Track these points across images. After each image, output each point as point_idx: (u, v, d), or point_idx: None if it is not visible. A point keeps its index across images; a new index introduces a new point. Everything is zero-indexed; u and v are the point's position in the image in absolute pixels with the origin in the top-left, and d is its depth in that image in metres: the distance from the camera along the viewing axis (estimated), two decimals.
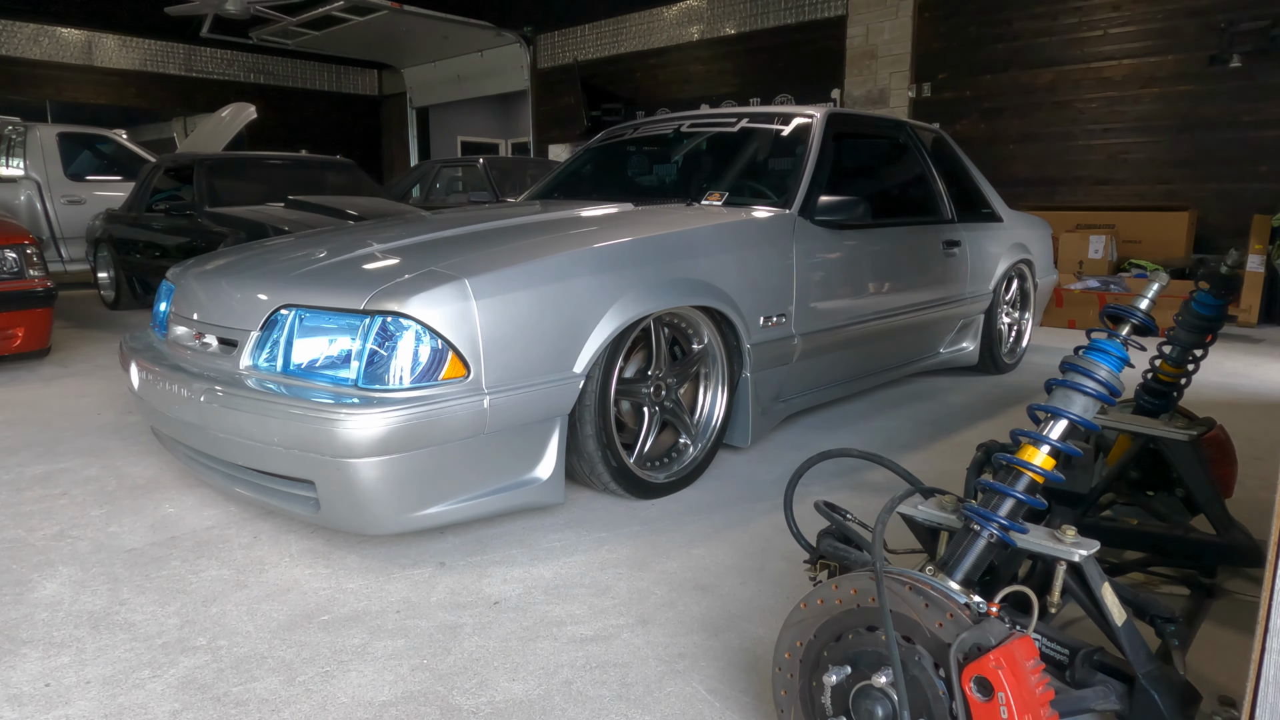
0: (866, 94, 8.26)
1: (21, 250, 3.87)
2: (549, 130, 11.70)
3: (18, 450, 2.82)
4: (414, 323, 1.80)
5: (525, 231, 2.32)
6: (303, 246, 2.44)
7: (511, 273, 1.94)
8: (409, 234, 2.45)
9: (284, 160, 6.41)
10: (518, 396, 1.92)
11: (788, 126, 3.12)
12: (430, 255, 2.09)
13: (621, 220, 2.50)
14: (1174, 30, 6.57)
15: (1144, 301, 1.19)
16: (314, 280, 2.00)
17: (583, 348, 2.05)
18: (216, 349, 2.13)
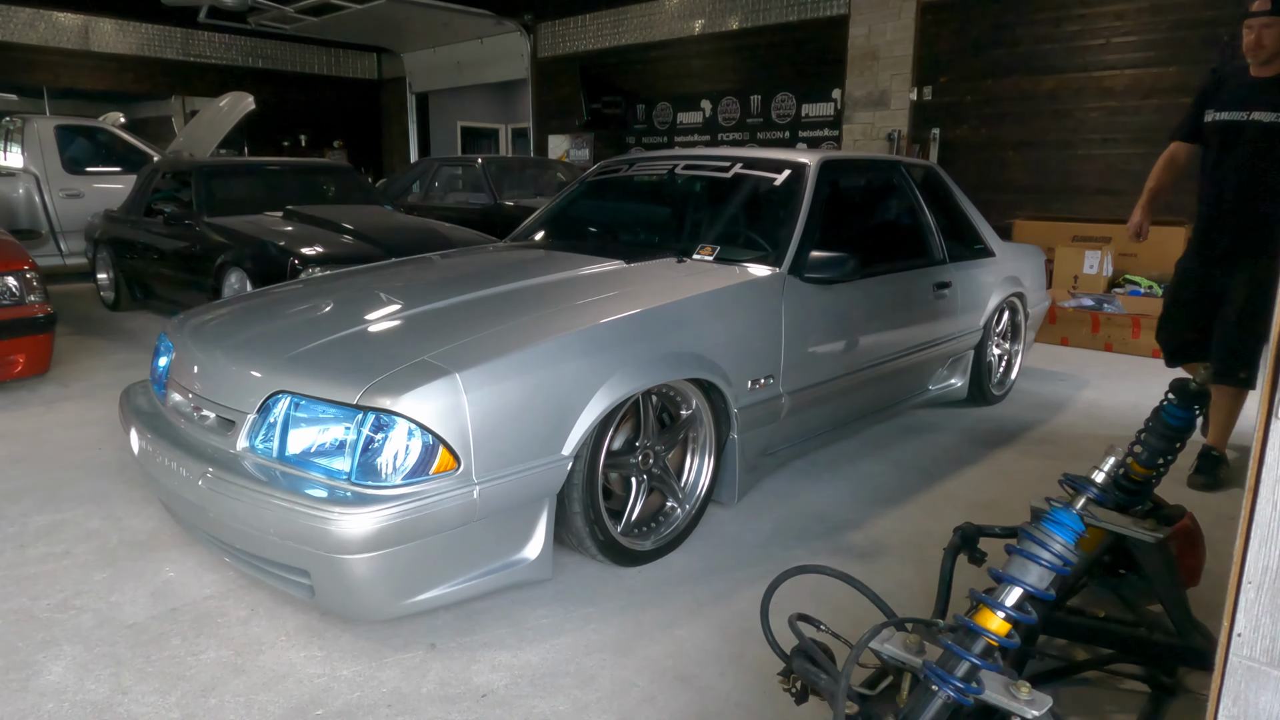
0: (867, 95, 8.22)
1: (21, 276, 3.91)
2: (549, 120, 11.64)
3: (21, 496, 2.88)
4: (406, 420, 1.85)
5: (517, 305, 2.36)
6: (300, 312, 2.48)
7: (502, 363, 1.99)
8: (404, 299, 2.49)
9: (281, 165, 6.41)
10: (507, 484, 1.98)
11: (780, 175, 3.14)
12: (423, 336, 2.14)
13: (612, 286, 2.54)
14: (1177, 42, 6.53)
15: (1100, 475, 1.24)
16: (308, 366, 2.04)
17: (571, 429, 2.10)
18: (214, 423, 2.18)
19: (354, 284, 2.79)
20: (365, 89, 14.13)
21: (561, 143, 11.39)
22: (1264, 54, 2.85)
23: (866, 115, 8.26)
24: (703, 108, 9.77)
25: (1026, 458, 3.42)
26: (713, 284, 2.59)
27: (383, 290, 2.67)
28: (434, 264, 3.10)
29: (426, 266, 3.06)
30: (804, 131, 8.95)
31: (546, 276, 2.63)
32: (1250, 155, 2.93)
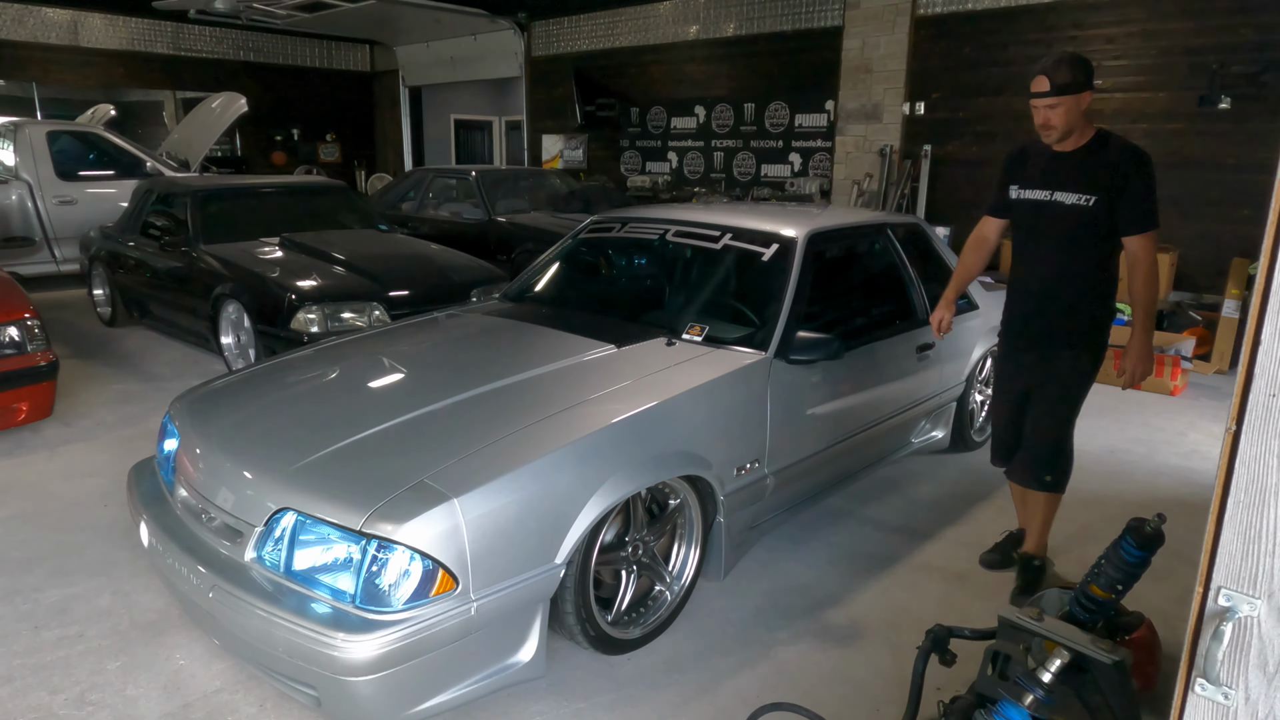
0: (860, 107, 8.26)
1: (23, 325, 3.97)
2: (542, 120, 11.63)
3: (33, 565, 2.98)
4: (407, 548, 1.95)
5: (510, 408, 2.45)
6: (302, 408, 2.56)
7: (498, 484, 2.09)
8: (401, 394, 2.58)
9: (276, 188, 6.44)
10: (503, 596, 2.08)
11: (768, 250, 3.21)
12: (420, 448, 2.23)
13: (604, 379, 2.62)
14: (1167, 68, 6.59)
15: (1046, 676, 1.35)
16: (313, 484, 2.13)
17: (565, 537, 2.20)
18: (221, 528, 2.28)
19: (351, 368, 2.87)
20: (358, 81, 14.05)
21: (555, 143, 11.39)
22: (1055, 134, 2.60)
23: (859, 128, 8.31)
24: (696, 113, 9.79)
25: (1003, 515, 3.54)
26: (701, 376, 2.68)
27: (380, 380, 2.75)
28: (429, 342, 3.16)
29: (422, 344, 3.13)
30: (797, 141, 8.99)
31: (539, 369, 2.70)
32: (1055, 238, 2.67)
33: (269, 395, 2.70)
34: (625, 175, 10.56)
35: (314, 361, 2.96)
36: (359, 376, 2.79)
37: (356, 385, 2.72)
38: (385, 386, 2.71)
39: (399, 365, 2.87)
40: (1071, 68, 2.52)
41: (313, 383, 2.76)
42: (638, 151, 10.49)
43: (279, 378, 2.84)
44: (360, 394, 2.65)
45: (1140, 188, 2.58)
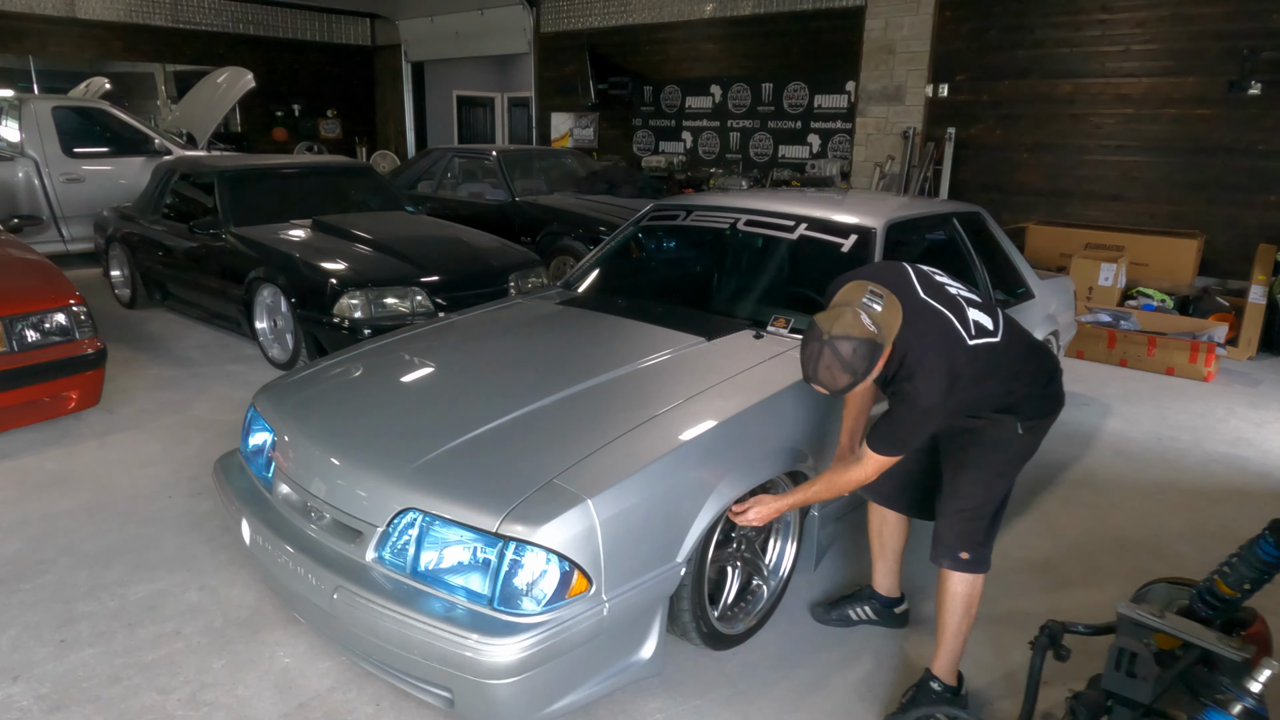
0: (882, 89, 8.21)
1: (70, 312, 3.89)
2: (551, 98, 11.49)
3: (111, 560, 2.93)
4: (545, 550, 1.93)
5: (619, 404, 2.43)
6: (403, 400, 2.53)
7: (628, 484, 2.07)
8: (500, 388, 2.55)
9: (304, 168, 6.32)
10: (631, 596, 2.07)
11: (847, 241, 3.19)
12: (540, 446, 2.20)
13: (704, 374, 2.60)
14: (1196, 52, 6.60)
15: (1255, 685, 1.36)
16: (437, 483, 2.10)
17: (686, 537, 2.20)
18: (332, 525, 2.25)
19: (443, 361, 2.83)
20: (358, 55, 13.81)
21: (565, 121, 11.26)
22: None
23: (880, 109, 8.27)
24: (712, 93, 9.71)
25: (1069, 506, 3.56)
26: (799, 371, 2.66)
27: (476, 374, 2.71)
28: (512, 334, 3.12)
29: (506, 336, 3.08)
30: (816, 122, 8.94)
31: (637, 362, 2.68)
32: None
33: (364, 390, 2.65)
34: (638, 155, 10.47)
35: (399, 354, 2.91)
36: (453, 370, 2.75)
37: (454, 379, 2.68)
38: (485, 381, 2.67)
39: (491, 358, 2.83)
40: (844, 369, 1.93)
41: (406, 377, 2.72)
42: (650, 131, 10.39)
43: (368, 372, 2.80)
44: (460, 388, 2.61)
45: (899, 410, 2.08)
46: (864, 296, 1.99)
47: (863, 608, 2.65)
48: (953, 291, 2.18)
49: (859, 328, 1.91)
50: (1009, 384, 2.18)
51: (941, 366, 2.01)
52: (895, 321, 1.96)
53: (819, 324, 1.96)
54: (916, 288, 2.13)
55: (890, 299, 1.98)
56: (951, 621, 2.24)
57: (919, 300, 2.08)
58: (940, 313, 2.07)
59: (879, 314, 1.95)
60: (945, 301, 2.11)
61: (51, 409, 3.87)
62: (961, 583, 2.22)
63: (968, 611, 2.24)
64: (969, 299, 2.18)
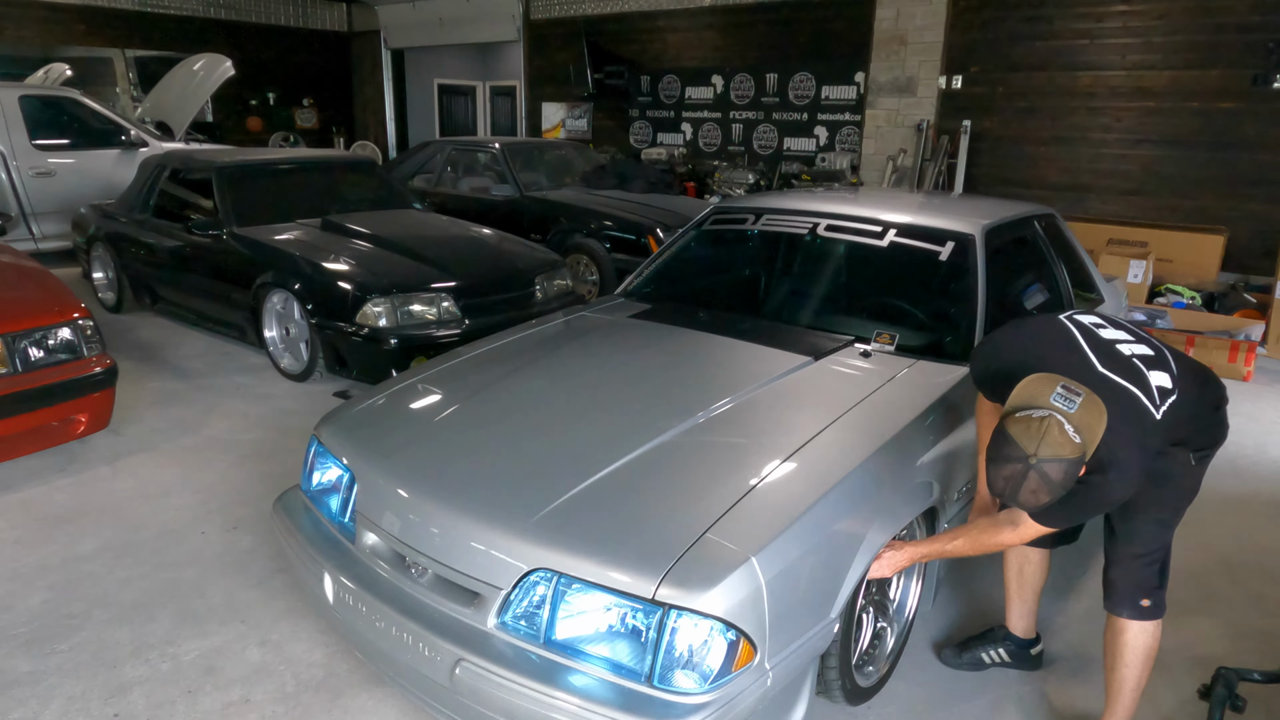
0: (893, 80, 8.04)
1: (75, 326, 3.53)
2: (542, 87, 11.15)
3: (152, 612, 2.62)
4: (711, 618, 1.69)
5: (747, 439, 2.19)
6: (498, 436, 2.26)
7: (787, 537, 1.84)
8: (606, 421, 2.30)
9: (306, 164, 5.94)
10: (791, 660, 1.85)
11: (944, 248, 2.98)
12: (677, 491, 1.97)
13: (826, 402, 2.38)
14: (1220, 45, 6.51)
15: None
16: (570, 538, 1.85)
17: (841, 588, 1.98)
18: (437, 582, 1.99)
19: (529, 389, 2.55)
20: (335, 42, 13.28)
21: (557, 111, 10.94)
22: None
23: (891, 101, 8.10)
24: (714, 83, 9.46)
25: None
26: (923, 395, 2.45)
27: (572, 403, 2.45)
28: (596, 355, 2.85)
29: (590, 357, 2.81)
30: (823, 114, 8.75)
31: (749, 389, 2.43)
32: None
33: (452, 424, 2.37)
34: (635, 147, 10.19)
35: (477, 380, 2.62)
36: (546, 399, 2.48)
37: (550, 410, 2.41)
38: (587, 412, 2.40)
39: (583, 384, 2.57)
40: (1051, 491, 1.74)
41: (495, 408, 2.43)
42: (648, 122, 10.11)
43: (447, 401, 2.50)
44: (562, 421, 2.34)
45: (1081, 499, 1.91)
46: (1054, 394, 1.75)
47: (996, 650, 2.46)
48: (1127, 353, 1.95)
49: (1067, 445, 1.69)
50: (1188, 425, 1.98)
51: (1135, 457, 1.81)
52: (1098, 425, 1.73)
53: (1018, 440, 1.72)
54: (1093, 360, 1.90)
55: (1089, 398, 1.74)
56: (1130, 676, 2.05)
57: (1100, 378, 1.86)
58: (1126, 391, 1.85)
59: (1079, 418, 1.72)
60: (1125, 372, 1.89)
61: (59, 434, 3.52)
62: (1143, 633, 2.03)
63: (1148, 663, 2.05)
64: (1143, 357, 1.95)
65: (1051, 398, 1.76)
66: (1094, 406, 1.74)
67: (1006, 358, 2.02)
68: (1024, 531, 1.96)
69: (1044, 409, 1.75)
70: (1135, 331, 2.07)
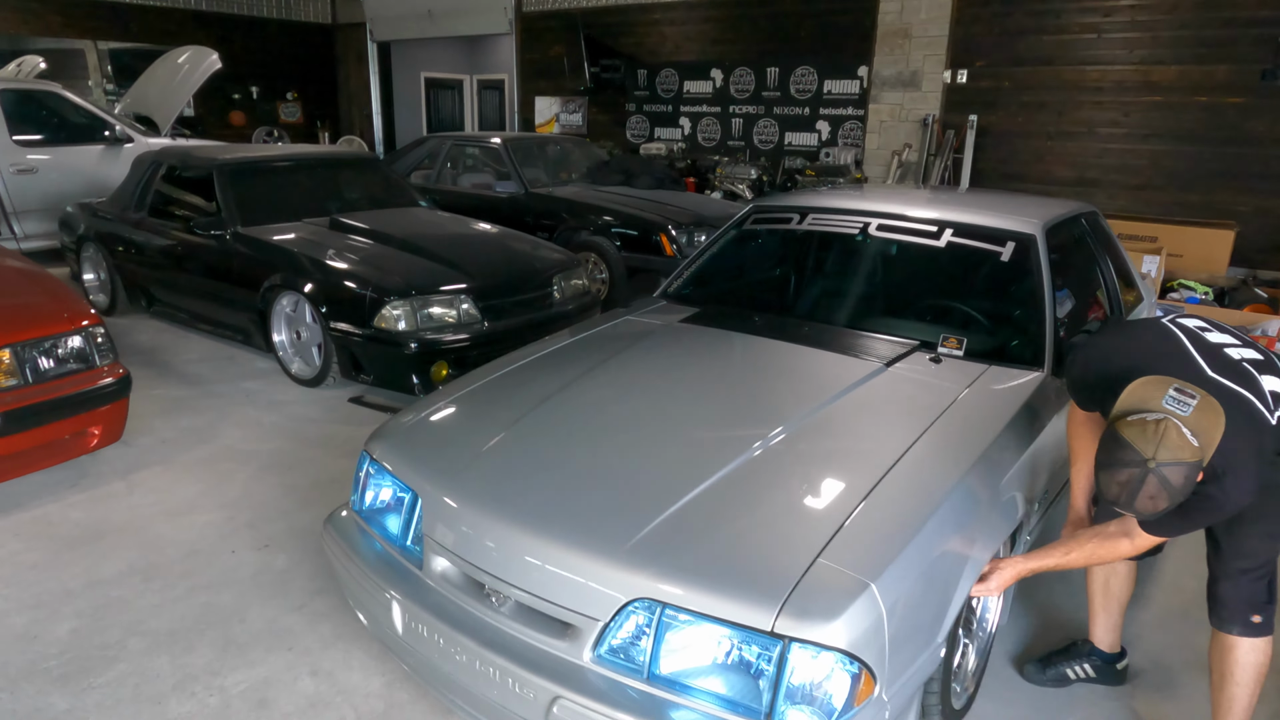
0: (897, 74, 7.98)
1: (87, 334, 3.35)
2: (535, 80, 10.97)
3: (190, 640, 2.47)
4: (835, 651, 1.59)
5: (838, 453, 2.09)
6: (573, 451, 2.13)
7: (903, 561, 1.74)
8: (686, 437, 2.19)
9: (309, 161, 5.74)
10: (904, 689, 1.75)
11: (1004, 249, 2.89)
12: (778, 514, 1.86)
13: (909, 412, 2.28)
14: (1228, 40, 6.51)
15: None
16: (672, 566, 1.73)
17: (949, 611, 1.88)
18: (521, 611, 1.86)
19: (597, 399, 2.42)
20: (319, 34, 12.99)
21: (550, 106, 10.76)
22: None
23: (895, 96, 8.04)
24: (713, 77, 9.34)
25: None
26: (1004, 404, 2.36)
27: (645, 416, 2.32)
28: (658, 362, 2.71)
29: (654, 365, 2.68)
30: (825, 109, 8.67)
31: (828, 399, 2.33)
32: None
33: (519, 439, 2.23)
34: (632, 142, 10.05)
35: (532, 391, 2.48)
36: (614, 412, 2.36)
37: (621, 425, 2.28)
38: (660, 426, 2.27)
39: (650, 395, 2.45)
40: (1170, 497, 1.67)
41: (563, 422, 2.30)
42: (645, 117, 9.98)
43: (509, 414, 2.37)
44: (636, 437, 2.22)
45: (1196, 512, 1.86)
46: (1167, 397, 1.68)
47: (1081, 665, 2.38)
48: (1236, 357, 1.87)
49: (1186, 449, 1.62)
50: None
51: (1252, 464, 1.74)
52: (1215, 429, 1.65)
53: (1134, 444, 1.65)
54: (1202, 365, 1.83)
55: (1204, 401, 1.66)
56: (1241, 695, 1.97)
57: (1212, 383, 1.78)
58: (1239, 396, 1.77)
59: (1194, 421, 1.64)
60: (1237, 376, 1.81)
61: (72, 448, 3.33)
62: (1254, 650, 1.96)
63: (1259, 681, 1.98)
64: (1253, 360, 1.87)
65: (1164, 401, 1.69)
66: (1210, 410, 1.66)
67: (1111, 363, 1.94)
68: (1140, 543, 1.89)
69: (1157, 412, 1.67)
70: (1240, 335, 1.99)
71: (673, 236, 6.03)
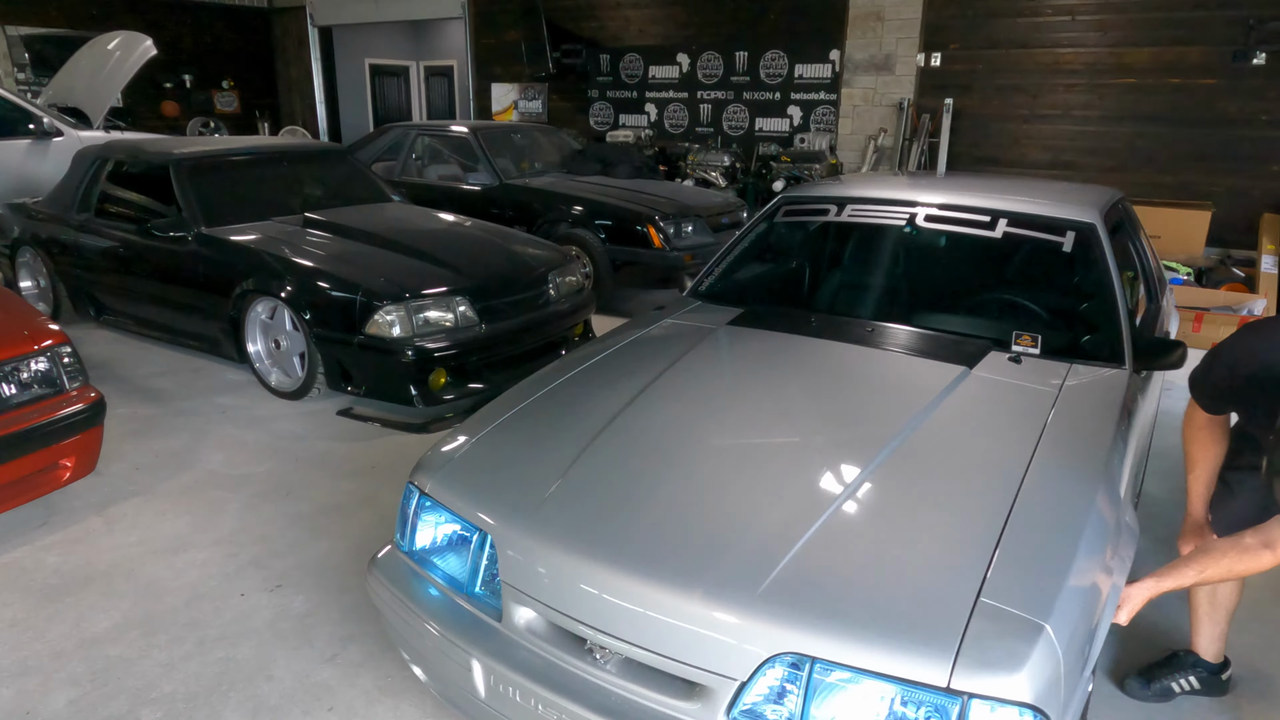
0: (870, 58, 7.88)
1: (53, 355, 2.97)
2: (490, 67, 10.57)
3: (215, 706, 2.17)
4: (1019, 705, 1.41)
5: (959, 473, 1.91)
6: (656, 481, 1.91)
7: (1066, 595, 1.57)
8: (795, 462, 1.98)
9: (272, 154, 5.32)
10: None
11: (1065, 238, 2.75)
12: (912, 544, 1.67)
13: (1017, 423, 2.12)
14: (1200, 21, 6.56)
15: None
16: (822, 615, 1.52)
17: (1096, 644, 1.72)
18: (630, 668, 1.64)
19: (661, 418, 2.19)
20: (255, 19, 12.31)
21: (508, 93, 10.39)
22: None
23: (868, 79, 7.94)
24: (679, 62, 9.11)
25: None
26: (1106, 411, 2.21)
27: (721, 435, 2.10)
28: (713, 370, 2.49)
29: (709, 376, 2.46)
30: (797, 94, 8.53)
31: (922, 410, 2.14)
32: None
33: (592, 468, 1.97)
34: (596, 129, 9.76)
35: (593, 409, 2.24)
36: (693, 432, 2.13)
37: (707, 446, 2.06)
38: (752, 447, 2.05)
39: (728, 411, 2.22)
40: None
41: (637, 445, 2.06)
42: (609, 103, 9.69)
43: (570, 437, 2.11)
44: (728, 460, 2.00)
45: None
46: None
47: (1186, 678, 2.27)
48: None
49: None
50: None
51: None
52: None
53: None
54: None
55: None
56: None
57: None
58: None
59: None
60: None
61: (43, 484, 2.95)
62: None
63: None
64: None
65: None
66: None
67: (1259, 362, 1.82)
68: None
69: None
70: None
71: (660, 227, 5.81)
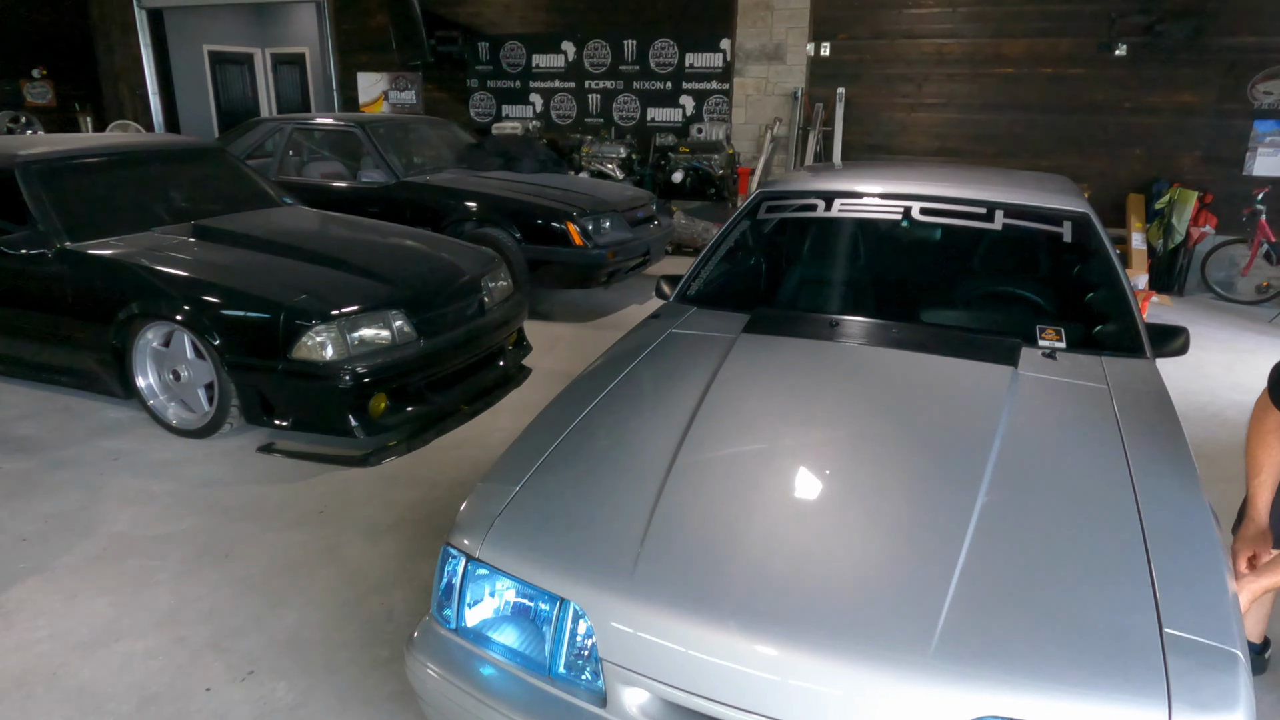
0: (761, 48, 7.88)
1: None
2: (354, 54, 9.82)
3: None
4: None
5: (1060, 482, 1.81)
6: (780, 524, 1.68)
7: (1237, 613, 1.49)
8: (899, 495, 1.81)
9: (138, 153, 4.59)
10: None
11: (1064, 229, 2.75)
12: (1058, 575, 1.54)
13: (1081, 426, 2.05)
14: (1072, 14, 6.97)
15: None
16: (1015, 671, 1.36)
17: None
18: None
19: (719, 444, 1.96)
20: (67, 0, 10.83)
21: (376, 83, 9.69)
22: None
23: (760, 69, 7.95)
24: (564, 50, 8.78)
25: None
26: (1164, 407, 2.18)
27: (809, 462, 1.90)
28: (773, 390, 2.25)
29: (765, 392, 2.23)
30: (688, 83, 8.43)
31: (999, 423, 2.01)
32: None
33: (674, 515, 1.71)
34: (477, 120, 9.27)
35: (641, 443, 1.98)
36: (773, 463, 1.90)
37: (792, 479, 1.85)
38: (842, 476, 1.86)
39: (796, 435, 2.02)
40: None
41: (713, 482, 1.82)
42: (490, 93, 9.22)
43: (630, 477, 1.84)
44: (823, 495, 1.80)
45: None
46: None
47: None
48: None
49: None
50: None
51: None
52: None
53: None
54: None
55: None
56: None
57: None
58: None
59: None
60: None
61: None
62: None
63: None
64: None
65: None
66: None
67: None
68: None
69: None
70: None
71: (580, 224, 5.54)
